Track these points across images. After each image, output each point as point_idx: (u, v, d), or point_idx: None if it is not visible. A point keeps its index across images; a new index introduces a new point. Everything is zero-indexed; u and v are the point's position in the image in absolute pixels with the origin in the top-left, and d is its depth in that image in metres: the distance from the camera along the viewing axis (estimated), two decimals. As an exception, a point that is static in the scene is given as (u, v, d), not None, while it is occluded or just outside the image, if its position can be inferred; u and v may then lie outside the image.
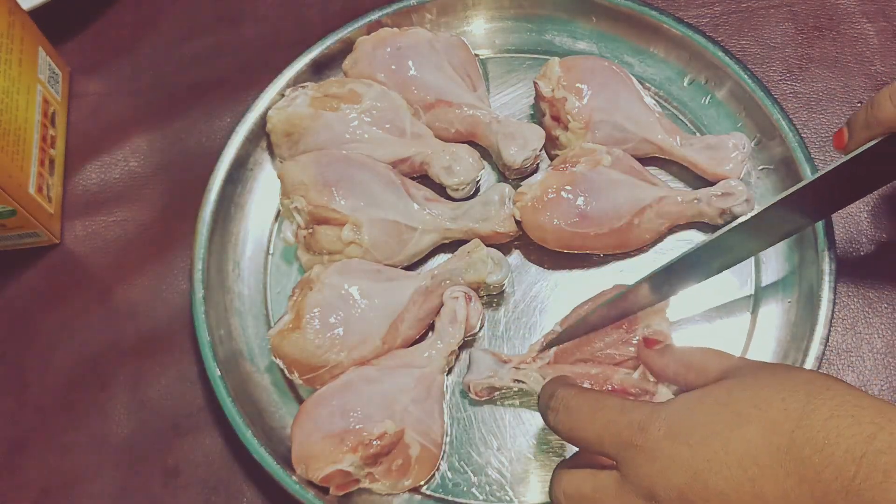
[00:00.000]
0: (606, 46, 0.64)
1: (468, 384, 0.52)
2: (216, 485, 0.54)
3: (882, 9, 0.65)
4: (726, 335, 0.54)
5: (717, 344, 0.53)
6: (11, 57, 0.58)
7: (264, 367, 0.56)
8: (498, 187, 0.56)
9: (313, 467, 0.48)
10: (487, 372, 0.52)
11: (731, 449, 0.35)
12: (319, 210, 0.54)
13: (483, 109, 0.59)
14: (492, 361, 0.52)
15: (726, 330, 0.54)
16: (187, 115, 0.66)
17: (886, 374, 0.53)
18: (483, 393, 0.52)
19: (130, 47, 0.70)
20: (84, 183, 0.64)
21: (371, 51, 0.61)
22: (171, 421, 0.56)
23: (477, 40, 0.65)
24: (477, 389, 0.52)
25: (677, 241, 0.57)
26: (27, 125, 0.59)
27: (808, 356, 0.50)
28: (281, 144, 0.59)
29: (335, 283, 0.52)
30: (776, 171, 0.58)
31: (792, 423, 0.34)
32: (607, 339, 0.51)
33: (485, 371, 0.52)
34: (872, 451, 0.32)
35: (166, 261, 0.61)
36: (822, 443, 0.33)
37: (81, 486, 0.54)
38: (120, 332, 0.59)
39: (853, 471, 0.32)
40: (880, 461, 0.31)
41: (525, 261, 0.58)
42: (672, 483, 0.36)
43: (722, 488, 0.34)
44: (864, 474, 0.31)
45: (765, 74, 0.63)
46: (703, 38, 0.60)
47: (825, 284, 0.52)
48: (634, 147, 0.58)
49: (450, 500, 0.51)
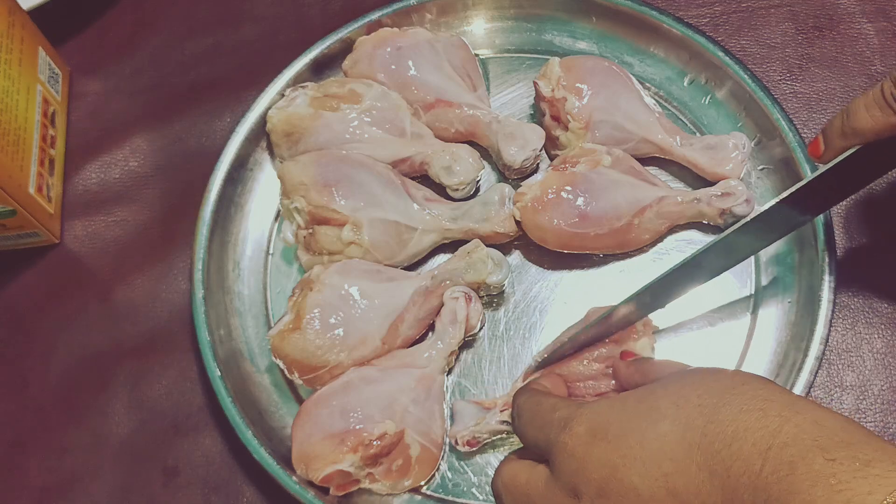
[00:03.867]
0: (606, 46, 0.64)
1: (454, 437, 0.50)
2: (216, 485, 0.54)
3: (882, 9, 0.65)
4: (726, 335, 0.54)
5: (717, 344, 0.54)
6: (11, 57, 0.58)
7: (264, 367, 0.56)
8: (498, 187, 0.56)
9: (313, 467, 0.48)
10: (472, 421, 0.50)
11: (646, 445, 0.35)
12: (319, 210, 0.54)
13: (483, 109, 0.59)
14: (475, 410, 0.51)
15: (726, 330, 0.54)
16: (187, 115, 0.66)
17: (886, 374, 0.53)
18: (472, 443, 0.50)
19: (130, 47, 0.70)
20: (84, 183, 0.64)
21: (371, 51, 0.61)
22: (171, 421, 0.56)
23: (477, 40, 0.65)
24: (464, 440, 0.50)
25: (677, 241, 0.57)
26: (27, 125, 0.59)
27: (808, 356, 0.50)
28: (281, 144, 0.59)
29: (335, 284, 0.52)
30: (776, 171, 0.58)
31: (704, 419, 0.34)
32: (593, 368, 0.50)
33: (469, 421, 0.50)
34: (778, 444, 0.31)
35: (166, 261, 0.61)
36: (730, 437, 0.32)
37: (81, 486, 0.54)
38: (120, 332, 0.59)
39: (759, 465, 0.31)
40: (786, 454, 0.31)
41: (525, 261, 0.58)
42: (591, 479, 0.36)
43: (636, 484, 0.34)
44: (770, 468, 0.31)
45: (765, 74, 0.63)
46: (703, 38, 0.60)
47: (825, 284, 0.52)
48: (634, 147, 0.58)
49: (450, 500, 0.51)
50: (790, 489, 0.30)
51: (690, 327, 0.54)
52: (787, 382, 0.50)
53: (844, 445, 0.30)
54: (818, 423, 0.31)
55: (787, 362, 0.52)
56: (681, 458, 0.33)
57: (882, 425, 0.52)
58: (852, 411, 0.52)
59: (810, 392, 0.51)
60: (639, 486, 0.34)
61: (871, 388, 0.53)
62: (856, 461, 0.29)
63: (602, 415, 0.37)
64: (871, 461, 0.29)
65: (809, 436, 0.31)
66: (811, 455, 0.30)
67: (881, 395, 0.53)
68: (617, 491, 0.35)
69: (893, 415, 0.52)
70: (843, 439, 0.30)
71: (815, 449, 0.30)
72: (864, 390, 0.53)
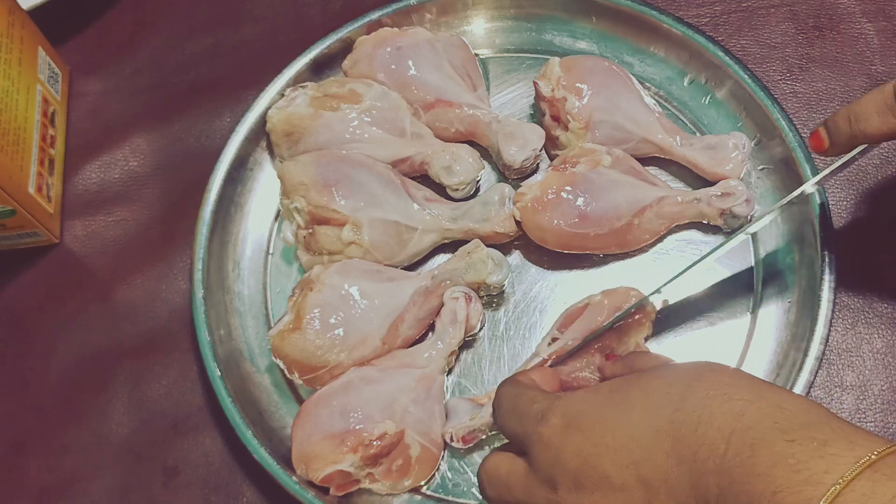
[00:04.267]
0: (606, 46, 0.64)
1: (449, 433, 0.50)
2: (216, 485, 0.54)
3: (882, 9, 0.65)
4: (726, 335, 0.54)
5: (717, 344, 0.54)
6: (11, 57, 0.58)
7: (264, 367, 0.56)
8: (498, 187, 0.56)
9: (313, 467, 0.48)
10: (466, 416, 0.50)
11: (617, 434, 0.35)
12: (319, 210, 0.54)
13: (483, 109, 0.59)
14: (469, 406, 0.51)
15: (726, 330, 0.54)
16: (187, 115, 0.66)
17: (886, 374, 0.53)
18: (467, 439, 0.50)
19: (130, 47, 0.70)
20: (84, 183, 0.64)
21: (371, 51, 0.61)
22: (171, 421, 0.56)
23: (477, 40, 0.65)
24: (459, 436, 0.50)
25: (677, 242, 0.57)
26: (27, 125, 0.59)
27: (808, 356, 0.50)
28: (281, 144, 0.59)
29: (335, 284, 0.52)
30: (776, 171, 0.58)
31: (672, 407, 0.34)
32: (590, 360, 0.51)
33: (463, 416, 0.50)
34: (741, 428, 0.31)
35: (166, 261, 0.61)
36: (696, 422, 0.33)
37: (81, 486, 0.54)
38: (120, 332, 0.59)
39: (723, 448, 0.31)
40: (748, 437, 0.31)
41: (525, 261, 0.58)
42: (567, 469, 0.36)
43: (609, 472, 0.35)
44: (733, 451, 0.31)
45: (765, 74, 0.63)
46: (703, 37, 0.60)
47: (825, 284, 0.52)
48: (634, 147, 0.58)
49: (450, 500, 0.51)
50: (751, 471, 0.30)
51: (690, 327, 0.54)
52: (787, 382, 0.50)
53: (804, 427, 0.31)
54: (780, 406, 0.32)
55: (787, 362, 0.52)
56: (649, 446, 0.34)
57: (882, 425, 0.52)
58: (852, 411, 0.52)
59: (810, 392, 0.51)
60: (611, 475, 0.35)
61: (871, 388, 0.53)
62: (814, 441, 0.30)
63: (576, 405, 0.38)
64: (828, 441, 0.30)
65: (771, 418, 0.31)
66: (771, 437, 0.30)
67: (881, 395, 0.53)
68: (591, 480, 0.35)
69: (893, 415, 0.52)
70: (804, 421, 0.31)
71: (775, 431, 0.31)
72: (864, 390, 0.53)
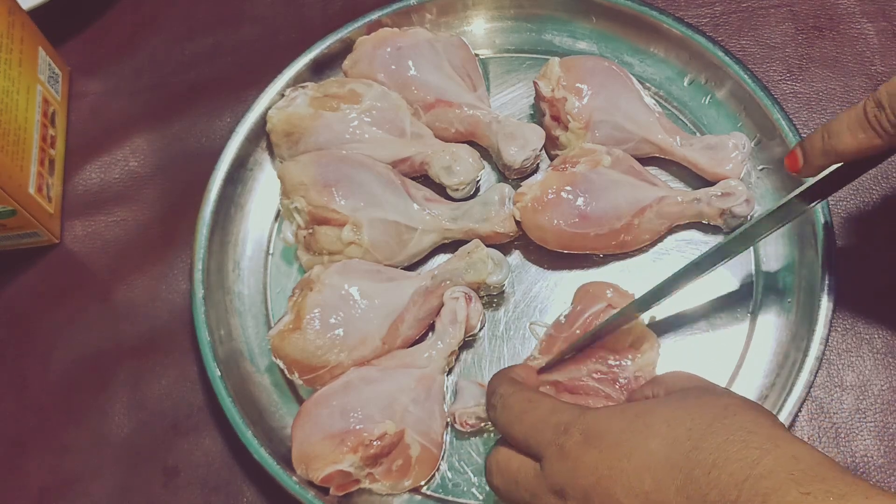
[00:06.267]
0: (606, 46, 0.64)
1: (454, 414, 0.51)
2: (216, 485, 0.54)
3: (882, 9, 0.65)
4: (726, 336, 0.54)
5: (717, 345, 0.54)
6: (11, 57, 0.58)
7: (264, 367, 0.56)
8: (498, 187, 0.56)
9: (313, 467, 0.48)
10: (473, 401, 0.50)
11: (633, 459, 0.35)
12: (319, 210, 0.54)
13: (483, 109, 0.59)
14: (478, 391, 0.51)
15: (726, 330, 0.54)
16: (187, 115, 0.66)
17: (886, 374, 0.53)
18: (470, 423, 0.51)
19: (130, 47, 0.70)
20: (84, 183, 0.64)
21: (371, 51, 0.61)
22: (171, 421, 0.56)
23: (477, 40, 0.65)
24: (463, 419, 0.50)
25: (677, 242, 0.57)
26: (27, 125, 0.59)
27: (808, 356, 0.50)
28: (281, 144, 0.59)
29: (335, 284, 0.52)
30: (776, 171, 0.58)
31: (691, 443, 0.34)
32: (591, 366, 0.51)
33: (470, 400, 0.51)
34: (754, 476, 0.31)
35: (166, 261, 0.61)
36: (711, 465, 0.33)
37: (81, 486, 0.54)
38: (120, 332, 0.59)
39: (735, 495, 0.31)
40: (760, 486, 0.31)
41: (525, 261, 0.58)
42: (579, 484, 0.36)
43: (619, 497, 0.35)
44: (744, 498, 0.31)
45: (765, 74, 0.63)
46: (703, 38, 0.60)
47: (825, 284, 0.52)
48: (634, 147, 0.58)
49: (450, 500, 0.51)
50: None
51: (690, 328, 0.54)
52: (786, 382, 0.50)
53: (819, 480, 0.31)
54: (796, 457, 0.32)
55: (787, 362, 0.52)
56: (662, 479, 0.34)
57: (882, 425, 0.52)
58: (852, 411, 0.52)
59: (810, 392, 0.50)
60: (621, 500, 0.35)
61: (871, 388, 0.53)
62: (830, 495, 0.30)
63: (601, 423, 0.38)
64: (846, 495, 0.30)
65: (785, 469, 0.31)
66: (785, 488, 0.31)
67: (881, 395, 0.53)
68: (602, 500, 0.35)
69: (893, 415, 0.52)
70: (819, 474, 0.31)
71: (789, 482, 0.31)
72: (864, 390, 0.53)
